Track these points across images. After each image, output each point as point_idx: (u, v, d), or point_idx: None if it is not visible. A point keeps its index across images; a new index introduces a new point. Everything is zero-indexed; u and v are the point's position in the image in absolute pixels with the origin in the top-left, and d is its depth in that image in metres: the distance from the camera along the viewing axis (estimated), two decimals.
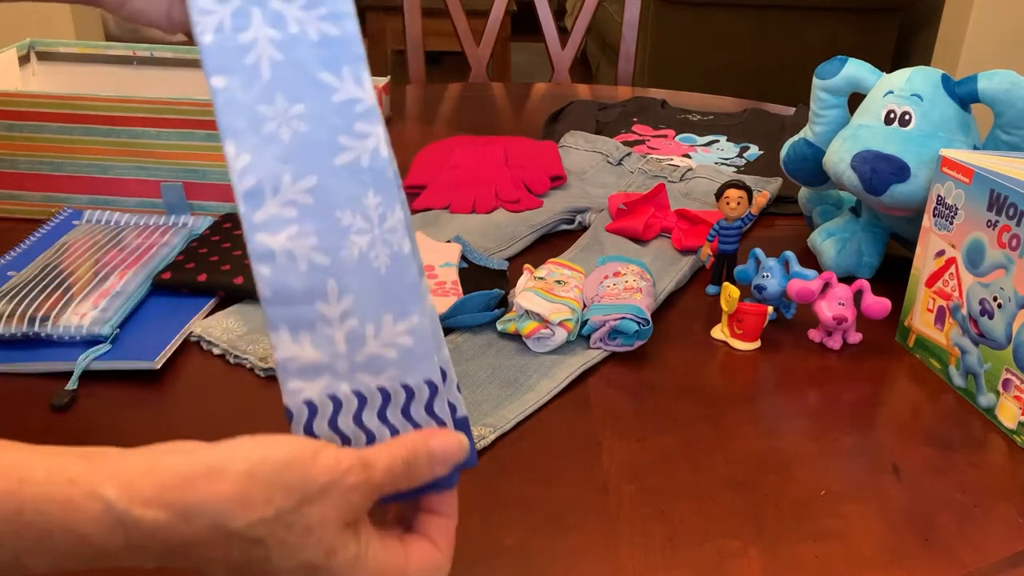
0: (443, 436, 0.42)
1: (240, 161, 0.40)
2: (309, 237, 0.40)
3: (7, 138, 0.88)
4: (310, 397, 0.41)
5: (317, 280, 0.40)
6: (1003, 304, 0.64)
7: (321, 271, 0.40)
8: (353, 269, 0.40)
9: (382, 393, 0.41)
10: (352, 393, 0.41)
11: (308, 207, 0.40)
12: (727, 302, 0.73)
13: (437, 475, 0.42)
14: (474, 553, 0.52)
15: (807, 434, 0.64)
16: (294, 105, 0.40)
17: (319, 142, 0.40)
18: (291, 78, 0.40)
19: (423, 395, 0.42)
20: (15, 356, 0.67)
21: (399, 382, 0.41)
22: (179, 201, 0.89)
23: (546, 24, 1.64)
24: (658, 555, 0.52)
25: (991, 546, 0.54)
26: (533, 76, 3.89)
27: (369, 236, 0.41)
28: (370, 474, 0.39)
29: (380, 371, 0.41)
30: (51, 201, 0.90)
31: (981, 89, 0.75)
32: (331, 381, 0.41)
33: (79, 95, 0.86)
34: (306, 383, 0.40)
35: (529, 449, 0.61)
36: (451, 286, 0.77)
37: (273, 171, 0.40)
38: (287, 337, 0.40)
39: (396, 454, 0.41)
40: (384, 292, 0.41)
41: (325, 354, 0.40)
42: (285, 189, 0.40)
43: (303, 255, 0.40)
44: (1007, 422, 0.65)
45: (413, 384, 0.41)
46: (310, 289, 0.40)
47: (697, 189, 1.01)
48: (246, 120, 0.40)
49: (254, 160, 0.40)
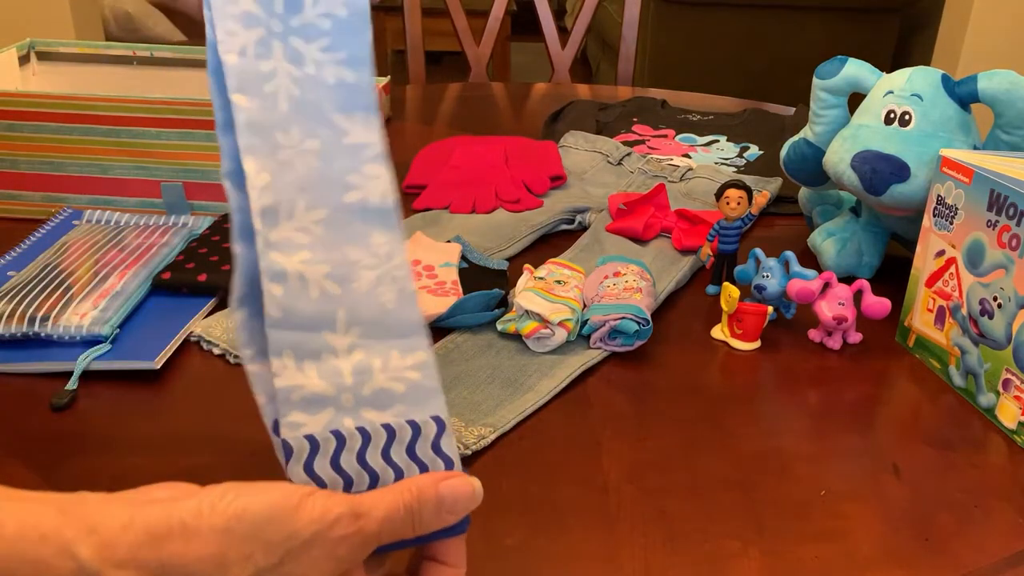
0: (453, 480, 0.40)
1: (260, 179, 0.40)
2: (321, 265, 0.40)
3: (7, 138, 0.88)
4: (312, 432, 0.39)
5: (328, 308, 0.40)
6: (1003, 304, 0.64)
7: (332, 300, 0.40)
8: (362, 301, 0.40)
9: (387, 430, 0.40)
10: (356, 430, 0.39)
11: (319, 237, 0.40)
12: (727, 302, 0.73)
13: (447, 523, 0.40)
14: (474, 553, 0.52)
15: (807, 434, 0.64)
16: (308, 140, 0.41)
17: (330, 178, 0.41)
18: (306, 114, 0.41)
19: (430, 432, 0.41)
20: (15, 356, 0.67)
21: (405, 418, 0.40)
22: (179, 201, 0.89)
23: (546, 24, 1.64)
24: (658, 555, 0.52)
25: (991, 546, 0.54)
26: (533, 76, 3.89)
27: (378, 272, 0.41)
28: (362, 524, 0.37)
29: (386, 407, 0.40)
30: (51, 201, 0.90)
31: (981, 89, 0.75)
32: (335, 415, 0.39)
33: (79, 95, 0.86)
34: (309, 417, 0.39)
35: (529, 449, 0.61)
36: (451, 286, 0.77)
37: (289, 196, 0.40)
38: (292, 364, 0.39)
39: (397, 501, 0.38)
40: (391, 327, 0.40)
41: (331, 385, 0.39)
42: (299, 216, 0.40)
43: (315, 281, 0.40)
44: (1007, 422, 0.65)
45: (420, 421, 0.40)
46: (320, 316, 0.39)
47: (697, 189, 1.01)
48: (266, 144, 0.40)
49: (273, 181, 0.40)
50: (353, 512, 0.37)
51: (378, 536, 0.38)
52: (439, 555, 0.41)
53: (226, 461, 0.58)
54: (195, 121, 0.85)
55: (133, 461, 0.58)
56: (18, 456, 0.58)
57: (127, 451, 0.59)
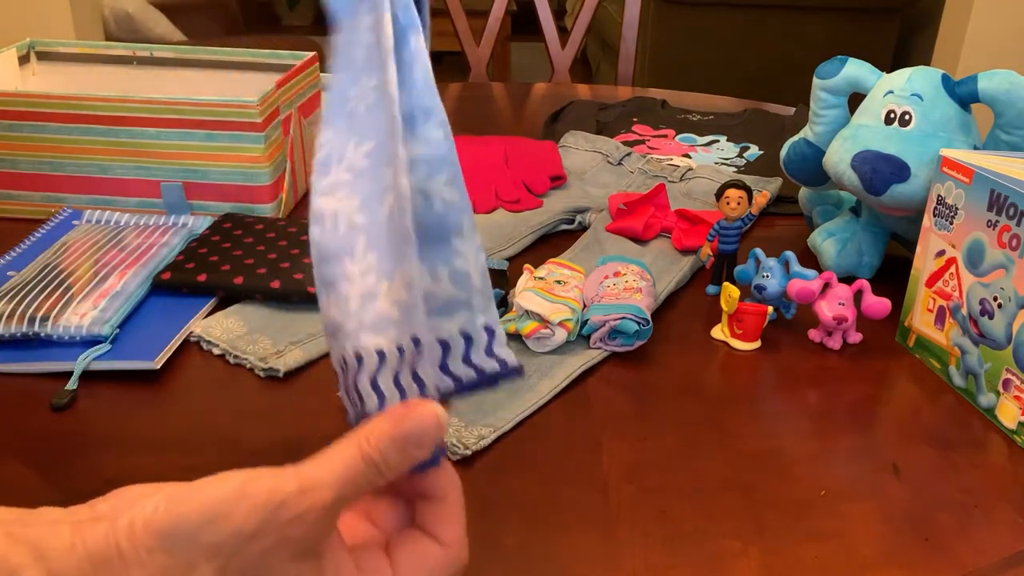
0: (414, 412, 0.36)
1: (322, 138, 0.42)
2: (355, 198, 0.41)
3: (7, 138, 0.88)
4: (382, 346, 0.38)
5: (349, 239, 0.41)
6: (1003, 304, 0.64)
7: (355, 230, 0.41)
8: (382, 227, 0.40)
9: (442, 344, 0.40)
10: (411, 340, 0.38)
11: (362, 169, 0.41)
12: (727, 302, 0.73)
13: (418, 459, 0.37)
14: (474, 553, 0.52)
15: (807, 434, 0.64)
16: (370, 81, 0.41)
17: (383, 106, 0.41)
18: (372, 62, 0.41)
19: (481, 341, 0.41)
20: (15, 356, 0.67)
21: (459, 329, 0.41)
22: (179, 201, 0.89)
23: (546, 24, 1.64)
24: (658, 555, 0.52)
25: (991, 546, 0.54)
26: (533, 76, 3.89)
27: (414, 182, 0.41)
28: (313, 499, 0.34)
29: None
30: (51, 201, 0.90)
31: (981, 89, 0.75)
32: (397, 333, 0.39)
33: (79, 95, 0.86)
34: (377, 336, 0.39)
35: (529, 449, 0.61)
36: None
37: (342, 140, 0.42)
38: (324, 297, 0.41)
39: (354, 456, 0.35)
40: (424, 235, 0.41)
41: (401, 300, 0.39)
42: (349, 155, 0.42)
43: (345, 215, 0.41)
44: (1007, 422, 0.65)
45: (470, 330, 0.41)
46: (341, 248, 0.41)
47: (697, 189, 1.01)
48: (340, 106, 0.42)
49: (333, 135, 0.42)
50: (300, 488, 0.34)
51: (339, 501, 0.35)
52: (425, 491, 0.39)
53: (226, 461, 0.58)
54: (195, 121, 0.85)
55: (133, 461, 0.58)
56: (18, 456, 0.58)
57: (127, 451, 0.59)
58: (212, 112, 0.85)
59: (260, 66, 1.05)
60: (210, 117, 0.85)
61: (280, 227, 0.83)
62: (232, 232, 0.82)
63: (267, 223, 0.84)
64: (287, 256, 0.78)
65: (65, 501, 0.37)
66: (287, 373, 0.67)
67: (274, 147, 0.89)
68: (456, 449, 0.59)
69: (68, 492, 0.54)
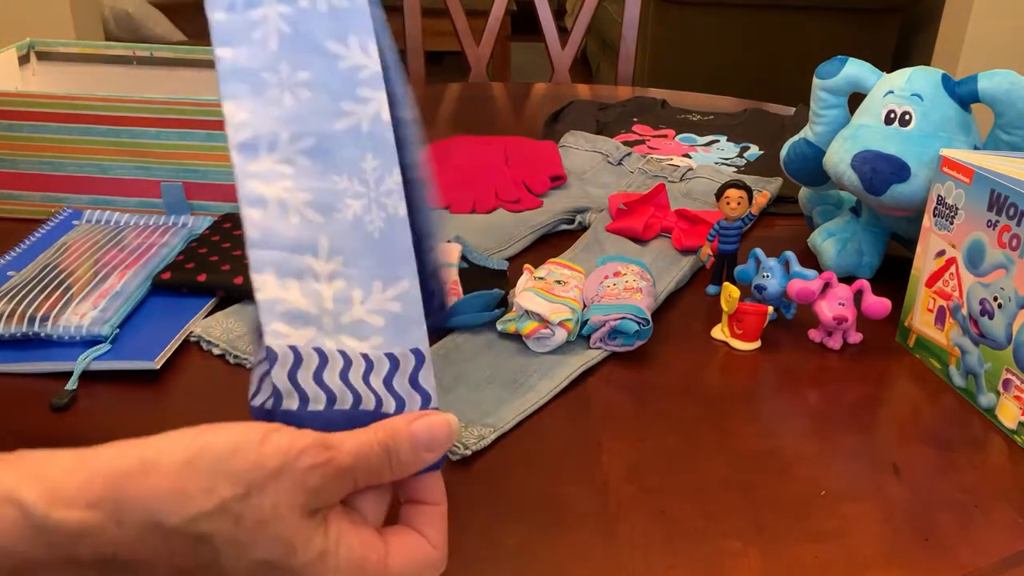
0: (429, 419, 0.38)
1: (238, 117, 0.39)
2: (303, 193, 0.39)
3: (7, 138, 0.88)
4: (295, 344, 0.38)
5: (308, 235, 0.39)
6: (1003, 304, 0.64)
7: (313, 227, 0.39)
8: (346, 232, 0.39)
9: (365, 360, 0.39)
10: (337, 352, 0.39)
11: (304, 168, 0.39)
12: (727, 302, 0.73)
13: (426, 462, 0.39)
14: (474, 553, 0.52)
15: (807, 434, 0.64)
16: (298, 72, 0.40)
17: (320, 108, 0.40)
18: (298, 48, 0.40)
19: (408, 365, 0.40)
20: (15, 356, 0.67)
21: (383, 351, 0.40)
22: (179, 201, 0.89)
23: (546, 24, 1.64)
24: (658, 555, 0.52)
25: (991, 546, 0.54)
26: (533, 76, 3.89)
27: (365, 200, 0.40)
28: (332, 455, 0.35)
29: (365, 337, 0.39)
30: (51, 201, 0.90)
31: (981, 89, 0.75)
32: (316, 335, 0.39)
33: (79, 95, 0.86)
34: (292, 330, 0.38)
35: (529, 449, 0.61)
36: (451, 286, 0.77)
37: (272, 129, 0.39)
38: (273, 279, 0.39)
39: (371, 439, 0.37)
40: (376, 257, 0.40)
41: (312, 305, 0.39)
42: (282, 147, 0.39)
43: (296, 208, 0.39)
44: (1007, 422, 0.65)
45: (398, 353, 0.40)
46: (300, 241, 0.39)
47: (697, 189, 1.01)
48: (249, 86, 0.40)
49: (253, 118, 0.39)
50: (322, 443, 0.35)
51: (353, 471, 0.36)
52: (416, 494, 0.40)
53: None
54: (195, 121, 0.85)
55: None
56: None
57: None
58: (212, 112, 0.85)
59: None
60: (210, 117, 0.85)
61: None
62: (232, 232, 0.82)
63: None
64: None
65: None
66: None
67: None
68: (456, 449, 0.59)
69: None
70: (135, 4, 2.95)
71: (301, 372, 0.38)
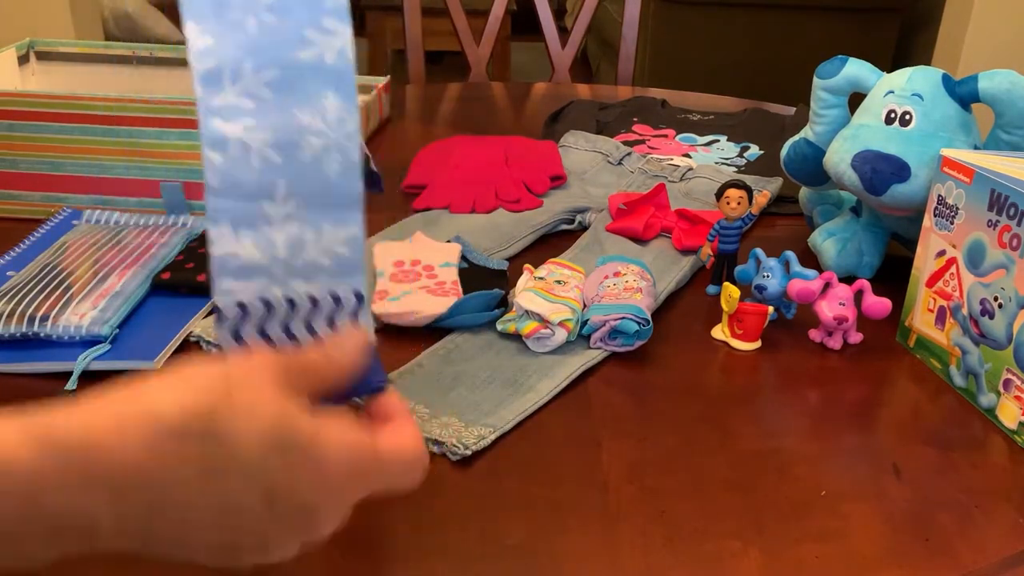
0: (342, 332, 0.42)
1: (201, 42, 0.38)
2: (265, 132, 0.39)
3: (7, 138, 0.88)
4: (243, 300, 0.40)
5: (267, 178, 0.39)
6: (1004, 304, 0.64)
7: (273, 170, 0.39)
8: (304, 172, 0.40)
9: (311, 301, 0.41)
10: (284, 299, 0.41)
11: (267, 102, 0.39)
12: (727, 302, 0.73)
13: (355, 360, 0.42)
14: (474, 553, 0.52)
15: (807, 434, 0.64)
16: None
17: (285, 35, 0.39)
18: None
19: (350, 305, 0.42)
20: (15, 356, 0.67)
21: (328, 290, 0.41)
22: (179, 201, 0.89)
23: (546, 24, 1.64)
24: (658, 555, 0.52)
25: (991, 546, 0.54)
26: (533, 76, 3.89)
27: (325, 140, 0.40)
28: (278, 354, 0.39)
29: (312, 278, 0.41)
30: (51, 201, 0.90)
31: (982, 89, 0.75)
32: (266, 284, 0.40)
33: (79, 95, 0.86)
34: (241, 284, 0.40)
35: (529, 449, 0.61)
36: (451, 286, 0.77)
37: (235, 57, 0.39)
38: (228, 231, 0.39)
39: (301, 349, 0.41)
40: (329, 199, 0.40)
41: (264, 255, 0.40)
42: (246, 79, 0.39)
43: (257, 150, 0.39)
44: (1008, 422, 0.65)
45: (342, 294, 0.42)
46: (259, 187, 0.39)
47: (697, 189, 1.01)
48: (211, 6, 0.39)
49: (216, 44, 0.39)
50: (266, 351, 0.40)
51: (300, 363, 0.39)
52: (379, 413, 0.43)
53: None
54: (195, 121, 0.85)
55: None
56: None
57: None
58: None
59: None
60: None
61: None
62: None
63: None
64: None
65: None
66: None
67: None
68: (456, 449, 0.59)
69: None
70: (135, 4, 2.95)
71: (246, 327, 0.40)
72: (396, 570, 0.50)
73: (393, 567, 0.50)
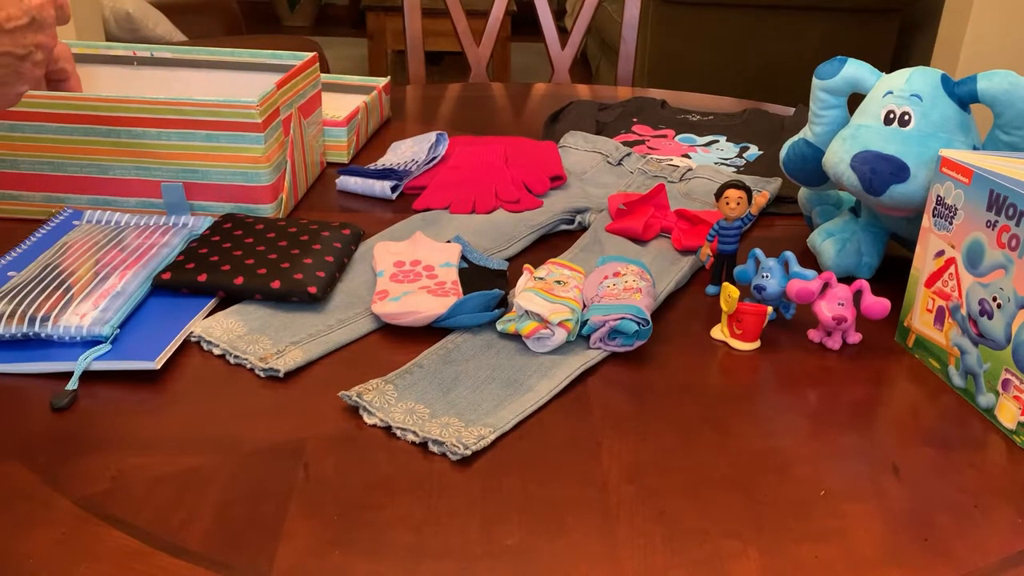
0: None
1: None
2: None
3: (7, 138, 0.88)
4: None
5: None
6: (1002, 304, 0.64)
7: None
8: None
9: None
10: None
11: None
12: (727, 302, 0.73)
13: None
14: (474, 553, 0.52)
15: (807, 434, 0.64)
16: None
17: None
18: None
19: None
20: (15, 356, 0.67)
21: None
22: (179, 201, 0.89)
23: (546, 24, 1.65)
24: (658, 555, 0.52)
25: (991, 546, 0.54)
26: (533, 76, 3.89)
27: None
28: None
29: None
30: (51, 201, 0.90)
31: (981, 89, 0.75)
32: None
33: (79, 95, 0.86)
34: None
35: (529, 449, 0.61)
36: (451, 286, 0.77)
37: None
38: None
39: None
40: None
41: None
42: None
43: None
44: (1006, 422, 0.65)
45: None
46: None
47: (697, 189, 1.01)
48: None
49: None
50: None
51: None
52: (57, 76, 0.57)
53: (226, 461, 0.58)
54: (195, 121, 0.86)
55: (133, 461, 0.58)
56: (18, 456, 0.58)
57: (127, 451, 0.59)
58: (212, 112, 0.85)
59: (260, 66, 1.05)
60: (210, 117, 0.85)
61: (280, 227, 0.83)
62: (232, 232, 0.82)
63: (267, 223, 0.84)
64: (287, 256, 0.78)
65: (66, 501, 0.37)
66: (287, 373, 0.68)
67: (274, 147, 0.89)
68: (456, 449, 0.59)
69: (69, 492, 0.54)
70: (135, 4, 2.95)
71: None
72: (396, 570, 0.50)
73: (393, 567, 0.50)
